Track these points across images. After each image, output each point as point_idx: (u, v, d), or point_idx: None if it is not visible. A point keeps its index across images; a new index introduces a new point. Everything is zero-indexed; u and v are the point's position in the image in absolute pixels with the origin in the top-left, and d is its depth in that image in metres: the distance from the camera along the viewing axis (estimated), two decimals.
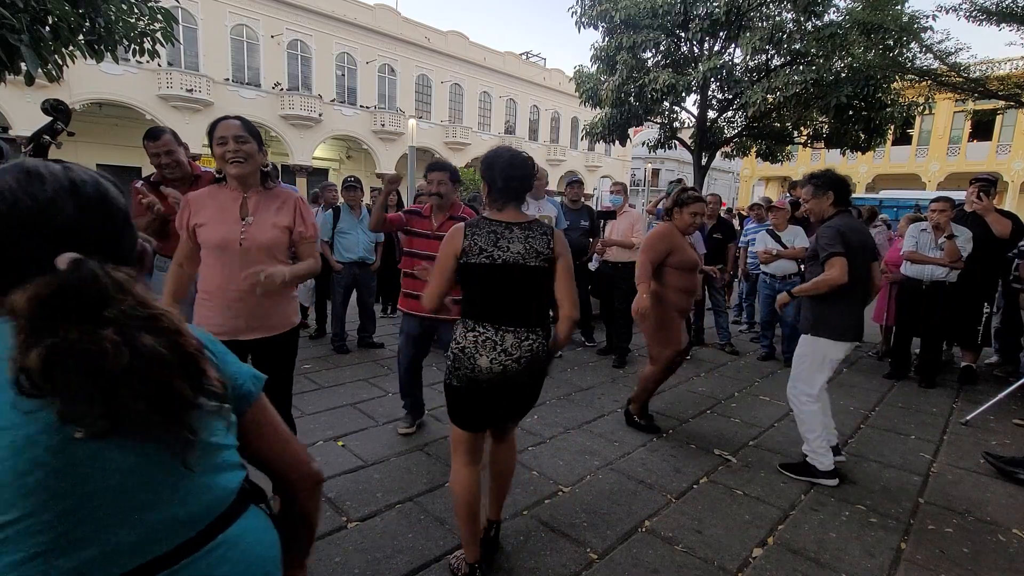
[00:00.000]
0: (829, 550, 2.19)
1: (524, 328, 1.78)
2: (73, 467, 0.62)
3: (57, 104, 2.36)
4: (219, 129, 1.99)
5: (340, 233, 4.87)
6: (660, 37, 11.15)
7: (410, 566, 2.00)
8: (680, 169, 35.63)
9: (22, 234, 0.65)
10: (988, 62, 9.78)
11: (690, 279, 3.22)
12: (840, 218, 2.78)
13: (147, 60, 4.86)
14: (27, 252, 0.64)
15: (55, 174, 0.69)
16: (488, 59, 28.56)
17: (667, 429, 3.40)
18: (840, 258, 2.64)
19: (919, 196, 14.72)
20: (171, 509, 0.69)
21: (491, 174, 1.83)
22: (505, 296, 1.78)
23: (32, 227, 0.65)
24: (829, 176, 2.86)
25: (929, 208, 4.24)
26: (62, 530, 0.61)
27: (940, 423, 3.65)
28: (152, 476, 0.68)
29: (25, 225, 0.65)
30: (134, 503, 0.66)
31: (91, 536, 0.63)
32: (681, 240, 3.22)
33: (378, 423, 3.33)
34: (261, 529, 0.81)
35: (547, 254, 1.79)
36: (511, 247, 1.77)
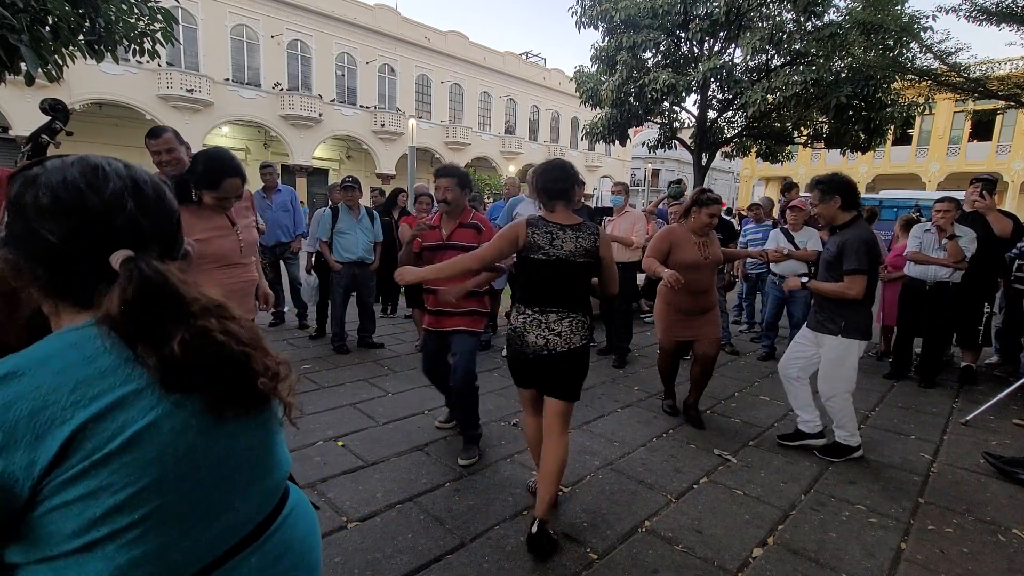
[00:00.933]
0: (829, 550, 2.19)
1: (566, 310, 2.15)
2: (213, 448, 0.68)
3: (55, 104, 2.36)
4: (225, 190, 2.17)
5: (339, 233, 4.87)
6: (660, 37, 11.14)
7: (410, 566, 2.00)
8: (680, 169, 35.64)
9: (88, 229, 0.64)
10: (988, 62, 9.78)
11: (687, 277, 3.16)
12: (859, 228, 2.88)
13: (147, 60, 4.85)
14: (90, 247, 0.65)
15: (118, 171, 0.69)
16: (488, 59, 28.57)
17: (667, 429, 3.40)
18: (864, 277, 2.81)
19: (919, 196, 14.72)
20: (272, 478, 0.77)
21: (534, 181, 2.26)
22: (553, 286, 2.15)
23: (97, 223, 0.65)
24: (835, 180, 2.92)
25: (933, 208, 4.24)
26: (203, 508, 0.67)
27: (940, 423, 3.65)
28: (260, 450, 0.75)
29: (91, 220, 0.65)
30: (252, 476, 0.73)
31: (220, 510, 0.69)
32: (684, 239, 3.27)
33: (378, 423, 3.33)
34: (296, 488, 0.87)
35: (594, 252, 2.15)
36: (564, 246, 2.11)
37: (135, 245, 0.66)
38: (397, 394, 3.85)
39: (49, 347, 0.62)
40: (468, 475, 2.72)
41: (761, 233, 5.93)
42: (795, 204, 5.07)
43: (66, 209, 0.63)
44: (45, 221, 0.63)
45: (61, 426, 0.56)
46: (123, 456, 0.59)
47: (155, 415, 0.62)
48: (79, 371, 0.60)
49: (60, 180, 0.64)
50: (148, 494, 0.61)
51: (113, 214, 0.66)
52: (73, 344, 0.62)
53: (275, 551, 0.75)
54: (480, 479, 2.69)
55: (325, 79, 23.12)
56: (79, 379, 0.59)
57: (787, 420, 3.64)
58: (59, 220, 0.63)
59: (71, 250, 0.64)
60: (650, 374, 4.60)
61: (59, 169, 0.66)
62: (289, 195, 5.71)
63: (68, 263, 0.64)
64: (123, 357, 0.63)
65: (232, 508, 0.70)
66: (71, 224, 0.63)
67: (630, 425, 3.45)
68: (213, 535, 0.68)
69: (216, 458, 0.68)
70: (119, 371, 0.62)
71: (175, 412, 0.64)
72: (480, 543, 2.16)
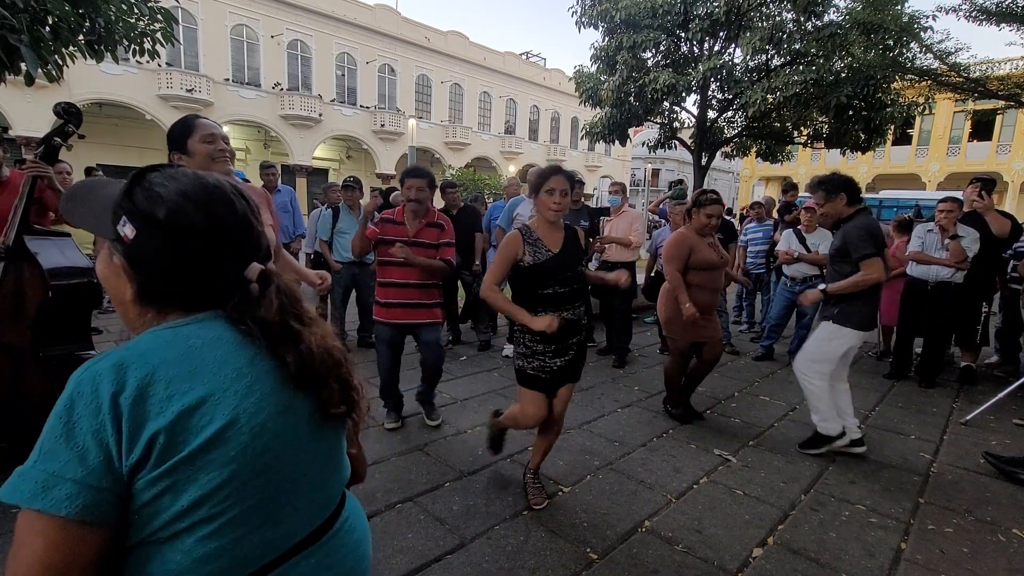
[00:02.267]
0: (829, 550, 2.19)
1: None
2: (297, 450, 0.72)
3: (69, 107, 2.38)
4: (205, 127, 1.92)
5: (339, 233, 4.87)
6: (660, 37, 11.13)
7: (410, 566, 2.00)
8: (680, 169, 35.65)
9: (230, 247, 0.70)
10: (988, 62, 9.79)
11: (707, 277, 3.34)
12: (863, 217, 2.94)
13: (147, 60, 4.85)
14: (228, 263, 0.71)
15: (231, 190, 0.73)
16: (488, 59, 28.56)
17: (667, 429, 3.40)
18: (877, 259, 2.84)
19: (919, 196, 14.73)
20: (335, 484, 0.81)
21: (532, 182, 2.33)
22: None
23: (237, 241, 0.71)
24: (837, 179, 2.99)
25: (936, 208, 4.24)
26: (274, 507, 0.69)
27: (940, 423, 3.65)
28: (330, 456, 0.79)
29: (233, 240, 0.70)
30: (320, 480, 0.76)
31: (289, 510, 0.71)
32: (698, 241, 3.33)
33: (378, 423, 3.33)
34: (352, 497, 0.91)
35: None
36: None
37: (255, 257, 0.73)
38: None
39: (152, 343, 0.65)
40: (468, 475, 2.72)
41: (762, 232, 5.94)
42: (810, 205, 5.02)
43: (215, 230, 0.68)
44: (195, 240, 0.67)
45: (157, 417, 0.59)
46: (212, 451, 0.61)
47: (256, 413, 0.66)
48: (177, 367, 0.63)
49: (203, 201, 0.68)
50: (229, 490, 0.63)
51: (246, 232, 0.71)
52: (171, 342, 0.65)
53: (332, 555, 0.77)
54: (480, 479, 2.69)
55: (325, 79, 23.12)
56: (173, 375, 0.62)
57: (787, 420, 3.65)
58: (209, 240, 0.68)
59: (211, 266, 0.69)
60: (650, 374, 4.60)
61: (195, 189, 0.68)
62: (289, 195, 5.71)
63: (196, 276, 0.69)
64: (248, 356, 0.68)
65: (299, 509, 0.73)
66: (218, 243, 0.68)
67: (630, 425, 3.45)
68: (280, 533, 0.70)
69: (295, 460, 0.71)
70: (226, 368, 0.66)
71: (283, 413, 0.69)
72: (480, 543, 2.16)
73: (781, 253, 4.94)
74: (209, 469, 0.61)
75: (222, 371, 0.65)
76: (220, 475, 0.62)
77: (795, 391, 4.26)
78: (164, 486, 0.59)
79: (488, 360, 4.79)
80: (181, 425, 0.60)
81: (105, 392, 0.58)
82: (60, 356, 2.49)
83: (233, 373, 0.66)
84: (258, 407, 0.66)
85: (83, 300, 2.57)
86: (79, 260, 2.60)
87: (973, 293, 4.48)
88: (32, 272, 2.40)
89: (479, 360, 4.82)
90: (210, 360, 0.65)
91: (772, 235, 5.85)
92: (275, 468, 0.68)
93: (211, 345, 0.66)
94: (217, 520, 0.63)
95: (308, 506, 0.74)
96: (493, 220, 5.18)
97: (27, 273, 2.40)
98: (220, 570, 0.64)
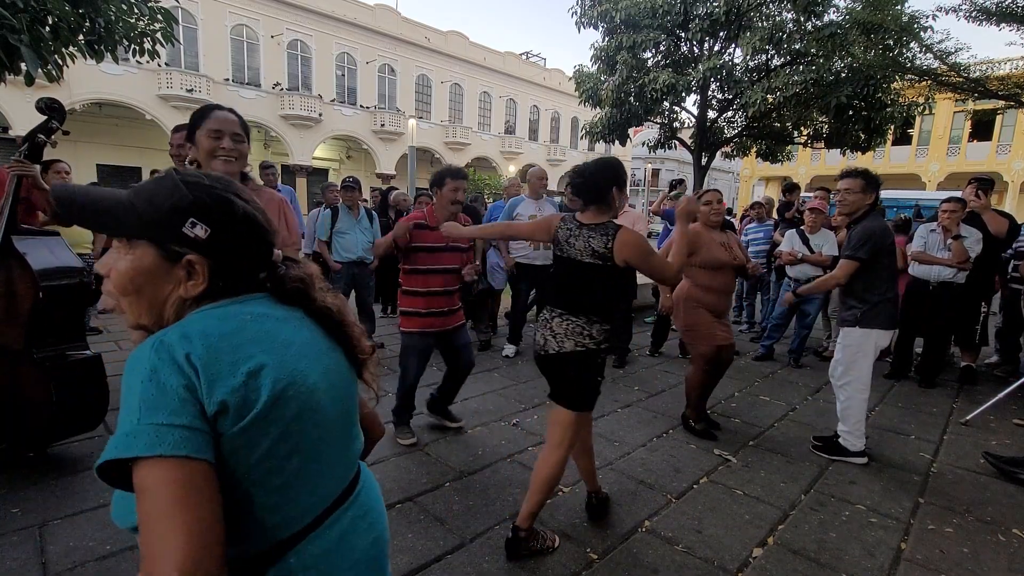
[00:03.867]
0: (829, 550, 2.19)
1: (567, 311, 2.05)
2: (349, 400, 0.85)
3: (51, 103, 2.35)
4: (214, 121, 1.79)
5: (338, 233, 4.87)
6: (660, 37, 11.13)
7: (410, 566, 2.00)
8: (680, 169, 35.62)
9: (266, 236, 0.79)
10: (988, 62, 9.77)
11: (717, 277, 3.20)
12: (873, 220, 2.90)
13: (147, 60, 4.85)
14: (269, 249, 0.81)
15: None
16: (488, 59, 28.57)
17: (667, 429, 3.40)
18: (854, 263, 2.82)
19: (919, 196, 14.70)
20: (357, 444, 0.90)
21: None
22: (560, 285, 2.09)
23: (269, 228, 0.80)
24: (878, 179, 2.95)
25: (939, 208, 4.24)
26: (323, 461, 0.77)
27: (940, 423, 3.65)
28: (352, 417, 0.87)
29: (267, 227, 0.80)
30: (348, 438, 0.86)
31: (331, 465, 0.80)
32: (706, 239, 3.19)
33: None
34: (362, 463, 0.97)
35: (603, 254, 1.96)
36: (576, 244, 2.01)
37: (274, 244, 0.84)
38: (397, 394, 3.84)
39: (205, 319, 0.71)
40: (468, 475, 2.72)
41: (763, 232, 5.93)
42: (814, 206, 5.01)
43: (259, 219, 0.78)
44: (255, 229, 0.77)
45: (228, 377, 0.66)
46: (278, 408, 0.69)
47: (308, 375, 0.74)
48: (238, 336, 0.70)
49: (243, 195, 0.78)
50: (293, 442, 0.71)
51: (269, 221, 0.81)
52: (223, 318, 0.72)
53: (362, 508, 0.87)
54: (480, 479, 2.69)
55: (325, 79, 23.13)
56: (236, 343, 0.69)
57: (787, 420, 3.65)
58: (260, 228, 0.78)
59: (264, 252, 0.80)
60: (650, 374, 4.60)
61: (230, 185, 0.78)
62: (288, 195, 5.70)
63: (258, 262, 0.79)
64: (292, 326, 0.77)
65: (340, 463, 0.82)
66: (262, 231, 0.78)
67: (630, 425, 3.45)
68: (328, 486, 0.79)
69: (338, 415, 0.81)
70: (278, 337, 0.74)
71: (327, 373, 0.78)
72: (480, 543, 2.16)
73: (784, 254, 4.93)
74: (278, 423, 0.69)
75: (275, 340, 0.73)
76: (286, 429, 0.70)
77: (795, 391, 4.26)
78: (242, 441, 0.66)
79: (488, 360, 4.79)
80: (251, 385, 0.67)
81: (180, 354, 0.64)
82: (54, 356, 2.48)
83: (284, 342, 0.74)
84: (309, 369, 0.74)
85: (75, 300, 2.57)
86: (70, 260, 2.58)
87: (973, 293, 4.49)
88: (22, 273, 2.38)
89: (479, 360, 4.80)
90: (263, 331, 0.73)
91: (772, 235, 5.84)
92: (324, 423, 0.76)
93: (260, 319, 0.74)
94: (284, 472, 0.70)
95: (346, 460, 0.84)
96: (493, 220, 5.18)
97: (17, 274, 2.38)
98: (283, 522, 0.72)
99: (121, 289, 0.73)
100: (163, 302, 0.74)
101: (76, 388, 2.53)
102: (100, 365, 2.65)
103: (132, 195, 0.73)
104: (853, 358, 2.96)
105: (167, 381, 0.63)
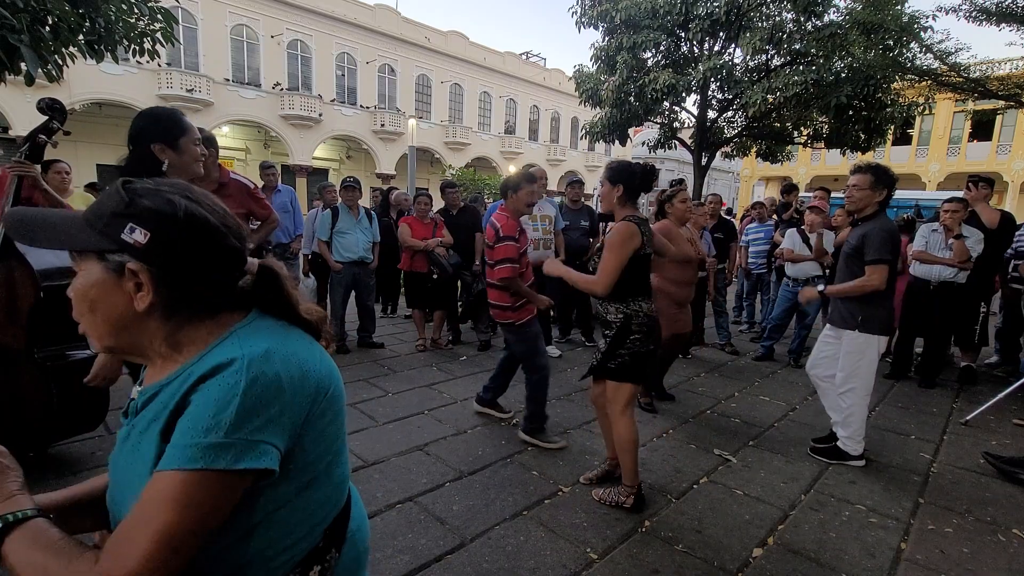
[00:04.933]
0: (829, 550, 2.19)
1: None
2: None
3: (52, 103, 2.34)
4: (194, 129, 1.94)
5: (339, 233, 4.87)
6: (660, 37, 11.11)
7: (410, 566, 1.99)
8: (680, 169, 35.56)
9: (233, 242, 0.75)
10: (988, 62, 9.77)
11: (684, 271, 3.59)
12: (882, 220, 2.83)
13: (147, 60, 4.85)
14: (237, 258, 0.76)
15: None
16: (488, 59, 28.56)
17: (667, 429, 3.40)
18: (885, 267, 2.74)
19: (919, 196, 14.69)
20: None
21: (631, 179, 2.42)
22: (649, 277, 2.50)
23: (236, 235, 0.76)
24: (889, 173, 2.84)
25: (941, 208, 4.24)
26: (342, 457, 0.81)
27: (940, 423, 3.65)
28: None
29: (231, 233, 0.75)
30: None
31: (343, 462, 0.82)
32: (676, 234, 3.42)
33: (378, 423, 3.33)
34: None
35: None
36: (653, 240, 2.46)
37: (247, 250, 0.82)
38: (397, 394, 3.85)
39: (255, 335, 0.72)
40: (468, 475, 2.72)
41: (763, 232, 5.94)
42: (815, 205, 5.03)
43: (219, 223, 0.74)
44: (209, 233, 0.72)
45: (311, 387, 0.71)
46: (328, 408, 0.74)
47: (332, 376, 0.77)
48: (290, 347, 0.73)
49: (198, 197, 0.74)
50: (331, 439, 0.75)
51: (238, 226, 0.78)
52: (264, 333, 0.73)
53: (358, 501, 0.90)
54: (480, 479, 2.69)
55: (325, 79, 23.12)
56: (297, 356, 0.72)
57: (787, 420, 3.65)
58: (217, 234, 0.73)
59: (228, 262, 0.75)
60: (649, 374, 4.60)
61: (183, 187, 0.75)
62: (289, 195, 5.70)
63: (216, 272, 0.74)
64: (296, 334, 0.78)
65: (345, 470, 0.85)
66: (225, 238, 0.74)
67: None
68: (340, 493, 0.82)
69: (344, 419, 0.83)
70: (301, 346, 0.75)
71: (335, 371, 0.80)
72: (480, 543, 2.16)
73: (785, 252, 4.94)
74: (324, 419, 0.73)
75: (302, 350, 0.74)
76: (328, 427, 0.74)
77: (795, 391, 4.26)
78: (297, 443, 0.69)
79: (488, 360, 4.79)
80: (320, 391, 0.72)
81: (270, 371, 0.66)
82: (55, 356, 2.48)
83: (306, 349, 0.75)
84: (330, 370, 0.77)
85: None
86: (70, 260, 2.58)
87: (973, 293, 4.49)
88: (22, 273, 2.38)
89: (479, 360, 4.82)
90: (290, 343, 0.74)
91: (773, 235, 5.84)
92: (343, 424, 0.80)
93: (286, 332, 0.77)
94: (323, 468, 0.74)
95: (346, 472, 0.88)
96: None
97: (17, 274, 2.38)
98: (321, 519, 0.76)
99: (77, 309, 0.72)
100: (122, 319, 0.70)
101: (76, 388, 2.53)
102: None
103: (87, 210, 0.71)
104: (856, 364, 2.90)
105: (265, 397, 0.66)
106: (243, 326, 0.73)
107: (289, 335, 0.75)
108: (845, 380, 2.96)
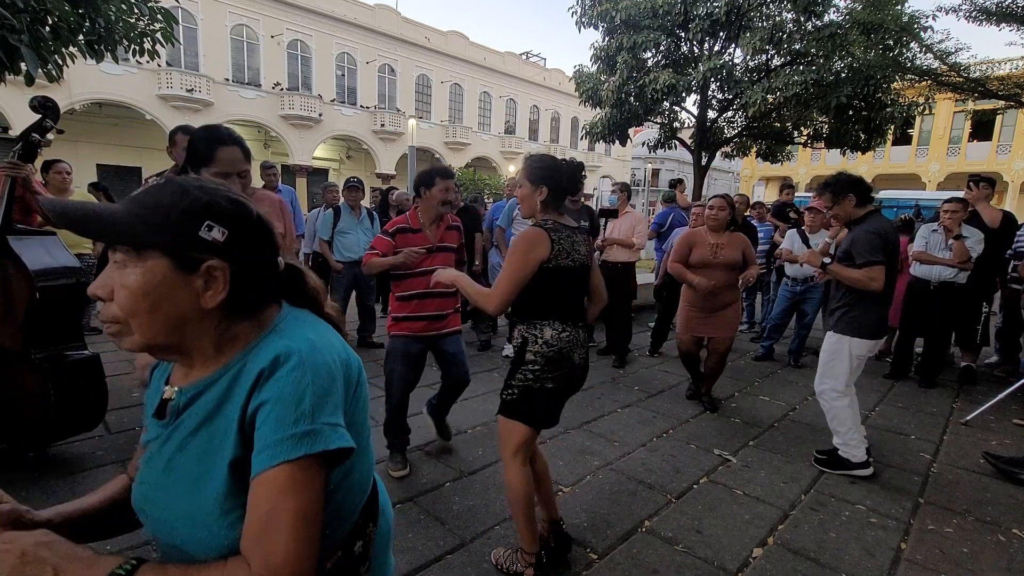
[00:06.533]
0: (829, 550, 2.19)
1: (582, 322, 2.01)
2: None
3: (45, 101, 2.33)
4: (220, 163, 1.73)
5: (340, 233, 4.87)
6: (660, 37, 11.12)
7: (410, 566, 2.00)
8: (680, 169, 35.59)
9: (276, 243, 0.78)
10: (988, 62, 9.77)
11: (702, 275, 3.54)
12: (874, 220, 2.80)
13: (147, 60, 4.85)
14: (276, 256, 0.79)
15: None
16: (488, 59, 28.55)
17: (667, 429, 3.40)
18: (880, 267, 2.70)
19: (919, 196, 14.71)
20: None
21: (558, 179, 1.92)
22: (577, 295, 1.99)
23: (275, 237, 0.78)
24: (844, 180, 2.84)
25: (941, 208, 4.24)
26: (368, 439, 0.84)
27: (940, 423, 3.65)
28: None
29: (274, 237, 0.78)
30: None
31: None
32: (701, 239, 3.58)
33: (378, 423, 3.32)
34: None
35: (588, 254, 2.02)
36: (580, 250, 1.94)
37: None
38: None
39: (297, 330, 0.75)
40: (468, 475, 2.72)
41: (763, 232, 5.93)
42: (813, 206, 5.03)
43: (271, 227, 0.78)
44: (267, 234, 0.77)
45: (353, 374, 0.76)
46: (360, 394, 0.78)
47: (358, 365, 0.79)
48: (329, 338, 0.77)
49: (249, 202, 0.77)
50: (363, 424, 0.79)
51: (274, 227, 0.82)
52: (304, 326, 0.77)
53: (379, 482, 0.92)
54: (480, 479, 2.69)
55: (325, 79, 23.11)
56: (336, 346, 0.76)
57: (787, 420, 3.65)
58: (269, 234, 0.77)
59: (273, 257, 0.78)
60: (650, 374, 4.60)
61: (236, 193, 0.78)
62: (289, 195, 5.70)
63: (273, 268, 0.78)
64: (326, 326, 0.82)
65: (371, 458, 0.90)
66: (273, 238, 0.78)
67: (630, 425, 3.45)
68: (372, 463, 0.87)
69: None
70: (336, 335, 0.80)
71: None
72: (480, 543, 2.16)
73: (785, 252, 4.94)
74: (359, 403, 0.77)
75: (336, 340, 0.78)
76: (361, 410, 0.78)
77: (795, 391, 4.26)
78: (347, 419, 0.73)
79: (488, 360, 4.79)
80: (356, 376, 0.76)
81: (322, 361, 0.70)
82: (53, 357, 2.48)
83: (338, 339, 0.79)
84: (357, 358, 0.79)
85: (72, 300, 2.56)
86: (66, 260, 2.57)
87: (973, 293, 4.49)
88: (17, 273, 2.37)
89: (479, 360, 4.82)
90: (326, 334, 0.77)
91: (772, 235, 5.84)
92: (368, 402, 0.83)
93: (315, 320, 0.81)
94: (360, 449, 0.75)
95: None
96: (494, 220, 5.18)
97: (12, 274, 2.37)
98: (361, 497, 0.81)
99: (132, 307, 0.66)
100: (183, 317, 0.69)
101: (75, 388, 2.53)
102: (99, 365, 2.64)
103: (130, 203, 0.68)
104: (829, 364, 2.89)
105: (324, 386, 0.70)
106: (282, 320, 0.76)
107: (320, 326, 0.79)
108: (819, 379, 2.95)
